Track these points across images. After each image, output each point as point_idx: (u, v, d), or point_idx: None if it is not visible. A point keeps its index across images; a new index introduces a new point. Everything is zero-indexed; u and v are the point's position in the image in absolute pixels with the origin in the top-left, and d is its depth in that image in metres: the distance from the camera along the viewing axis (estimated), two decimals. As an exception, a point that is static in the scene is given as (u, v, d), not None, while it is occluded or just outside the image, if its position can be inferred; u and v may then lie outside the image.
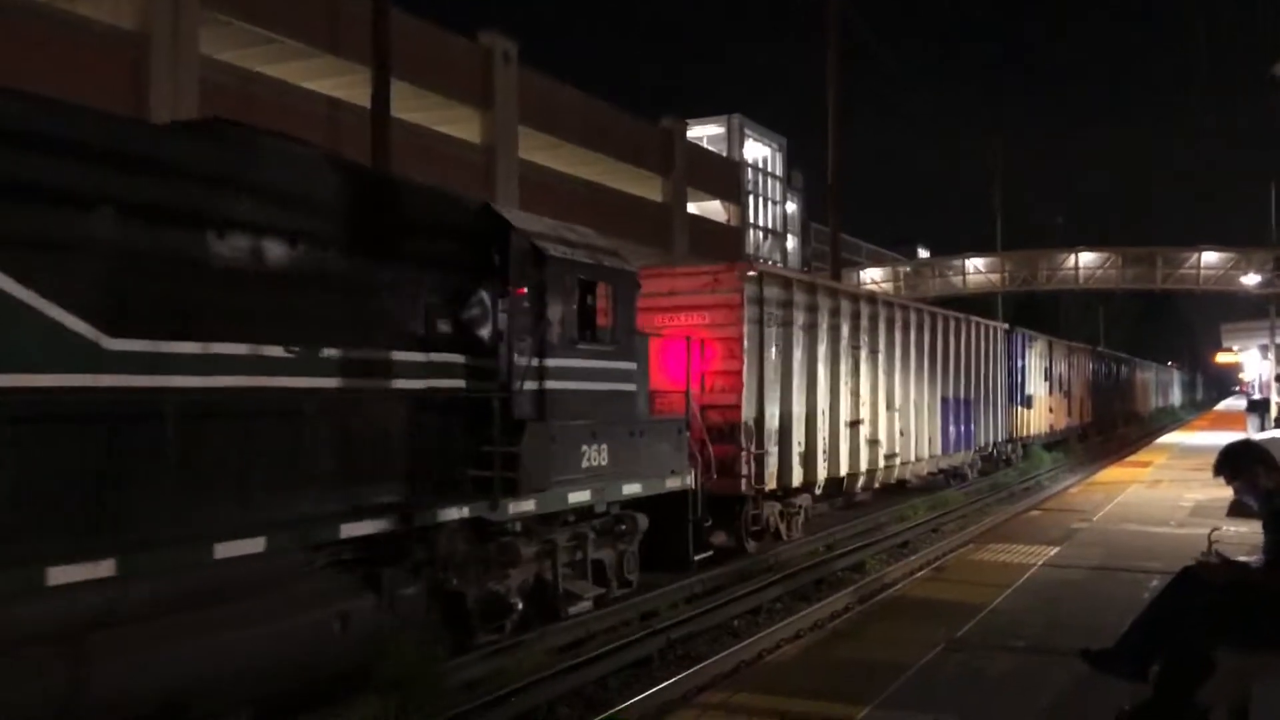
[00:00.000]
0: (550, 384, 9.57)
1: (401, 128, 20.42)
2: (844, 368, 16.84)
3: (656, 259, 27.51)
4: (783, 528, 15.41)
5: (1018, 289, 50.85)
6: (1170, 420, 65.36)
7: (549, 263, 9.59)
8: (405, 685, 7.77)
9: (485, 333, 9.26)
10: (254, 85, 21.71)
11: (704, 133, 49.14)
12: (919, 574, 11.71)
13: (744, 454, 13.86)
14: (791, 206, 59.30)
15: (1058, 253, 50.11)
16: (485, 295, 9.26)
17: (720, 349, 13.99)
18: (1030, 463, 29.32)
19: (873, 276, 51.18)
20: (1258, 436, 13.31)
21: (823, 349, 16.13)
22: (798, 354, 15.40)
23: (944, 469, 22.82)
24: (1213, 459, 5.90)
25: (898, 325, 19.39)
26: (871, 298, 19.05)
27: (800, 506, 15.80)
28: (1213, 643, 5.33)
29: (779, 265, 46.24)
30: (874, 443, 18.03)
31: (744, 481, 13.88)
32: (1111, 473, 22.38)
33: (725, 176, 44.97)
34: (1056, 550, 11.41)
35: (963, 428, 23.33)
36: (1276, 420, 27.79)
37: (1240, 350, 61.74)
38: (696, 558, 12.16)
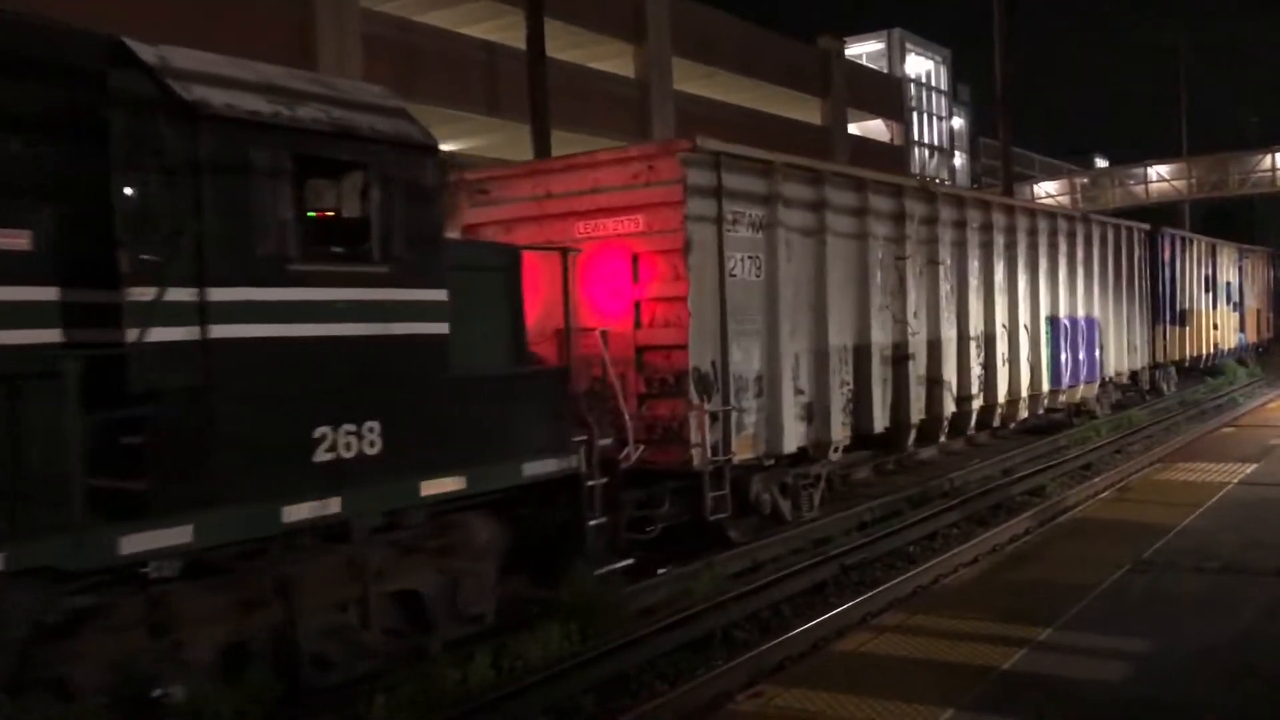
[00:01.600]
0: (224, 329, 6.02)
1: (556, 67, 20.58)
2: (879, 287, 12.69)
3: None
4: (785, 506, 11.61)
5: (1206, 195, 47.81)
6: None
7: (206, 124, 5.94)
8: (587, 610, 8.05)
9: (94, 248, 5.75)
10: (413, 34, 22.21)
11: (863, 50, 47.80)
12: (1102, 495, 11.34)
13: (694, 414, 9.92)
14: (958, 122, 57.20)
15: (1250, 154, 46.77)
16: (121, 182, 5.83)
17: (660, 266, 10.13)
18: (1224, 378, 27.79)
19: (1047, 190, 49.00)
20: None
21: (841, 264, 12.03)
22: (792, 269, 11.25)
23: (1060, 406, 18.62)
24: None
25: (973, 228, 15.01)
26: (926, 193, 14.14)
27: (817, 475, 12.07)
28: None
29: (946, 183, 44.71)
30: (936, 382, 13.86)
31: (695, 452, 9.91)
32: (1315, 386, 21.01)
33: (886, 94, 43.68)
34: (1253, 468, 10.87)
35: (1085, 355, 19.02)
36: None
37: None
38: (600, 571, 8.58)
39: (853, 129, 39.74)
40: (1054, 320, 17.72)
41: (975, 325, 15.01)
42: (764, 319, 10.87)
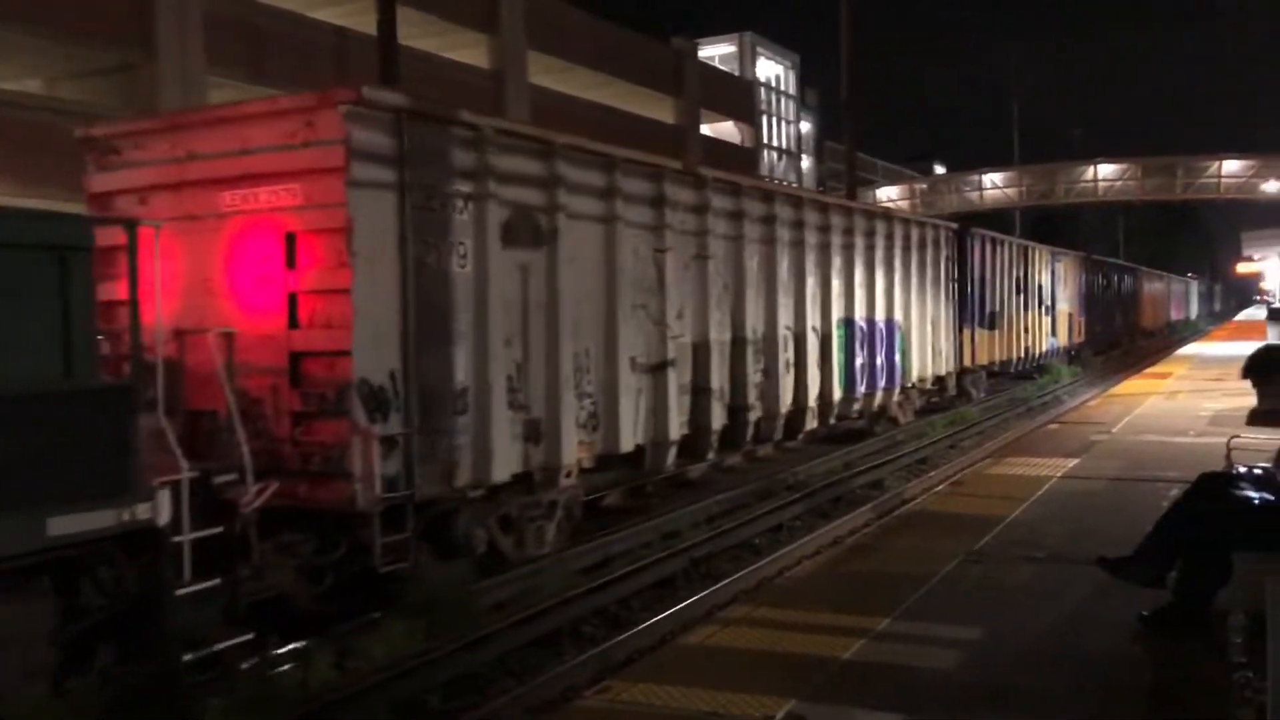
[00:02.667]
0: None
1: (408, 55, 20.17)
2: (631, 283, 10.94)
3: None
4: (506, 543, 9.56)
5: (1036, 203, 50.34)
6: (1190, 333, 64.86)
7: None
8: (433, 608, 7.93)
9: None
10: (260, 17, 21.44)
11: (715, 52, 48.37)
12: (938, 489, 11.78)
13: (359, 439, 7.78)
14: (806, 126, 58.58)
15: (1076, 165, 49.47)
16: None
17: (320, 250, 7.99)
18: (1048, 377, 29.28)
19: (889, 195, 50.71)
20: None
21: (581, 255, 10.23)
22: (503, 262, 9.23)
23: (855, 415, 17.27)
24: (1232, 369, 5.91)
25: (753, 220, 13.36)
26: (692, 178, 12.24)
27: (551, 504, 10.03)
28: (1230, 548, 5.37)
29: (794, 185, 45.78)
30: (703, 391, 12.17)
31: (360, 487, 7.75)
32: (1131, 385, 22.34)
33: (738, 96, 44.38)
34: (1076, 462, 11.45)
35: (884, 359, 17.56)
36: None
37: (1261, 259, 61.14)
38: (189, 657, 6.55)
39: (705, 129, 40.26)
40: (849, 322, 16.28)
41: (754, 327, 13.31)
42: (472, 320, 8.85)
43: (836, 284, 15.78)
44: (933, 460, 16.60)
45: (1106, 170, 47.51)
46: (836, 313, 15.74)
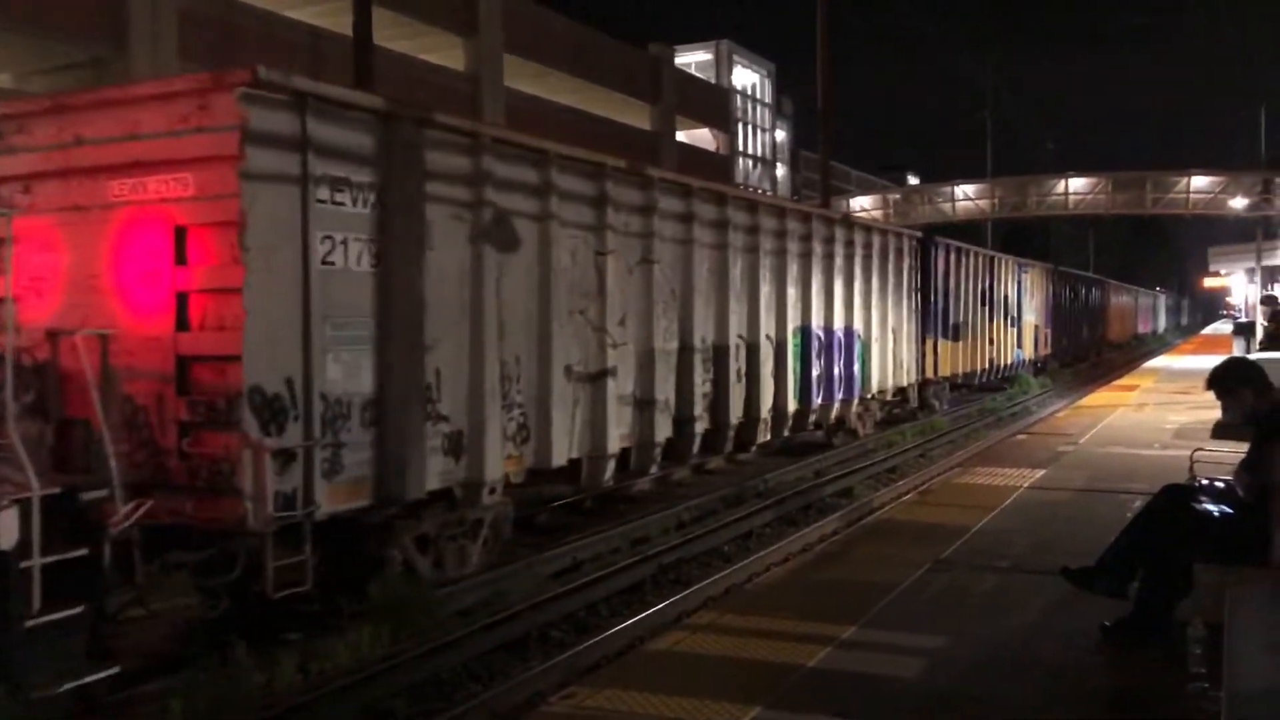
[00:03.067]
0: None
1: (384, 56, 20.13)
2: (568, 286, 10.42)
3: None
4: (423, 564, 8.91)
5: (1008, 215, 50.73)
6: (1158, 346, 65.56)
7: None
8: (399, 612, 7.90)
9: None
10: (235, 15, 21.33)
11: (692, 59, 48.58)
12: (906, 497, 11.84)
13: (250, 452, 7.21)
14: (781, 134, 58.81)
15: (1047, 178, 49.89)
16: None
17: (212, 245, 7.40)
18: (1017, 388, 29.51)
19: (862, 204, 50.96)
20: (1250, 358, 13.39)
21: (511, 255, 9.64)
22: (436, 260, 8.80)
23: (811, 426, 16.69)
24: (1198, 382, 5.97)
25: (704, 224, 12.87)
26: (638, 177, 11.66)
27: (477, 522, 9.45)
28: (1191, 559, 5.44)
29: (768, 193, 45.89)
30: (646, 403, 11.70)
31: (251, 505, 7.18)
32: (1099, 396, 22.54)
33: (714, 104, 44.55)
34: (1042, 473, 11.53)
35: (842, 370, 17.06)
36: (1261, 343, 27.93)
37: (1227, 274, 61.90)
38: (42, 695, 5.77)
39: (681, 136, 40.37)
40: (806, 331, 15.79)
41: (703, 336, 12.87)
42: (384, 323, 8.29)
43: (793, 291, 15.35)
44: (902, 469, 16.69)
45: (1077, 184, 47.95)
46: (792, 321, 15.32)
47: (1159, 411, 17.75)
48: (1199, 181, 44.98)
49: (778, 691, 5.24)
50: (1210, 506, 5.74)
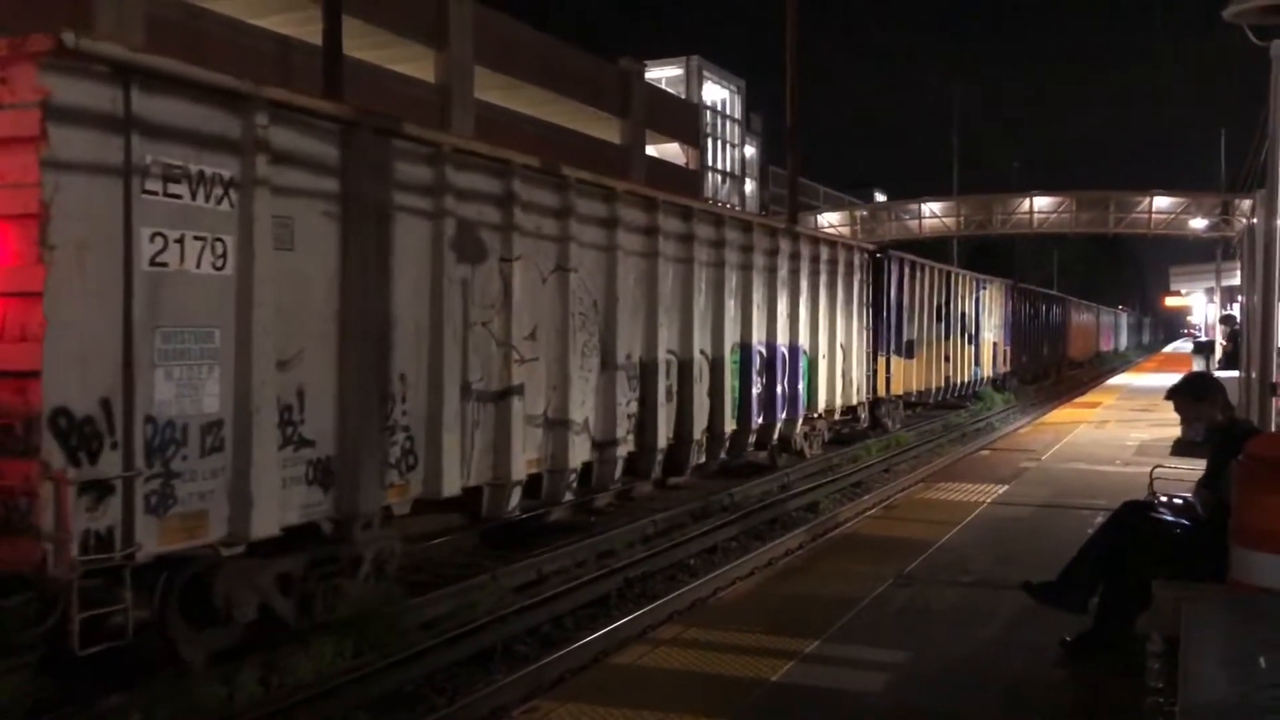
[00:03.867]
0: None
1: (354, 66, 20.07)
2: (467, 295, 9.41)
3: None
4: (286, 607, 7.82)
5: (973, 233, 51.20)
6: (1120, 364, 66.32)
7: None
8: (362, 624, 7.85)
9: None
10: (201, 21, 21.20)
11: (662, 74, 48.68)
12: (870, 512, 11.90)
13: (49, 486, 6.16)
14: (750, 150, 59.11)
15: (1013, 197, 50.41)
16: None
17: (10, 241, 6.33)
18: (981, 404, 29.77)
19: (830, 220, 51.28)
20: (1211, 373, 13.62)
21: (396, 258, 8.65)
22: (296, 262, 7.71)
23: (750, 447, 15.64)
24: (1159, 399, 6.07)
25: (629, 230, 11.90)
26: (552, 177, 10.65)
27: (357, 559, 8.30)
28: (1150, 575, 5.51)
29: (736, 208, 46.14)
30: (560, 424, 10.67)
31: (50, 547, 6.15)
32: (1061, 413, 22.79)
33: (684, 119, 44.70)
34: (1005, 488, 11.64)
35: (786, 388, 16.26)
36: (1220, 362, 28.36)
37: (1188, 293, 62.77)
38: None
39: (651, 150, 40.48)
40: (745, 347, 14.86)
41: (629, 351, 11.93)
42: (232, 335, 7.17)
43: (732, 305, 14.41)
44: (867, 484, 16.78)
45: (1042, 203, 48.47)
46: (731, 337, 14.40)
47: (1120, 428, 17.98)
48: (1161, 202, 45.60)
49: (741, 706, 5.25)
50: (1170, 521, 5.83)
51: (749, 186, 58.54)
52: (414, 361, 8.83)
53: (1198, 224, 42.94)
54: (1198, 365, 29.11)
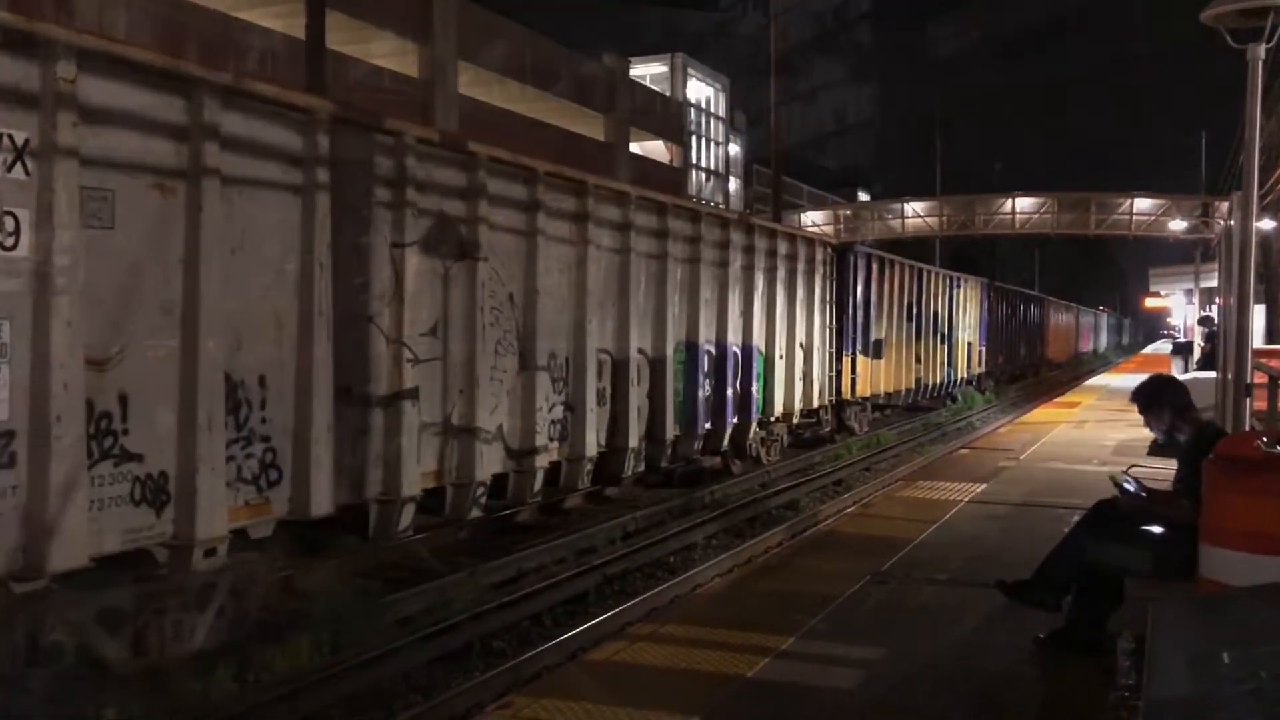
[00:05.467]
0: None
1: (336, 60, 20.01)
2: (347, 286, 8.30)
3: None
4: (114, 647, 6.67)
5: (956, 233, 51.39)
6: (1099, 364, 66.68)
7: None
8: (340, 620, 7.83)
9: None
10: (184, 15, 21.08)
11: (646, 72, 48.68)
12: (849, 510, 11.95)
13: None
14: (734, 148, 59.17)
15: (995, 197, 50.60)
16: None
17: None
18: (962, 403, 29.89)
19: (813, 219, 51.37)
20: (1183, 377, 13.72)
21: (257, 241, 7.52)
22: (119, 240, 6.54)
23: (697, 454, 14.60)
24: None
25: (553, 215, 10.79)
26: (462, 156, 9.63)
27: (210, 585, 7.18)
28: (1123, 574, 5.56)
29: (720, 206, 46.21)
30: (465, 431, 9.64)
31: None
32: (1041, 413, 22.91)
33: (668, 116, 44.73)
34: (983, 487, 11.71)
35: (739, 390, 15.32)
36: (1198, 363, 28.54)
37: (1168, 295, 63.20)
38: None
39: (635, 148, 40.47)
40: (692, 347, 13.82)
41: (552, 351, 10.93)
42: (27, 326, 5.98)
43: (676, 301, 13.33)
44: (848, 482, 16.83)
45: (1024, 203, 48.66)
46: (675, 335, 13.29)
47: (1099, 428, 18.09)
48: (1142, 204, 45.86)
49: (716, 702, 5.27)
50: (1143, 520, 5.87)
51: (733, 184, 58.61)
52: (276, 361, 7.66)
53: (1177, 225, 43.22)
54: (1176, 366, 29.31)
